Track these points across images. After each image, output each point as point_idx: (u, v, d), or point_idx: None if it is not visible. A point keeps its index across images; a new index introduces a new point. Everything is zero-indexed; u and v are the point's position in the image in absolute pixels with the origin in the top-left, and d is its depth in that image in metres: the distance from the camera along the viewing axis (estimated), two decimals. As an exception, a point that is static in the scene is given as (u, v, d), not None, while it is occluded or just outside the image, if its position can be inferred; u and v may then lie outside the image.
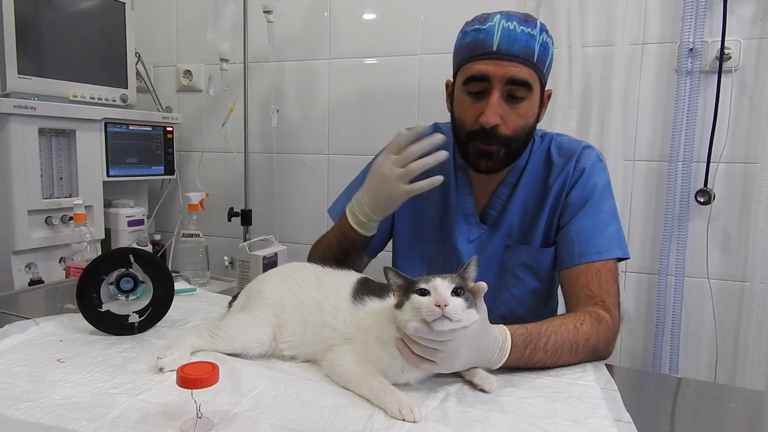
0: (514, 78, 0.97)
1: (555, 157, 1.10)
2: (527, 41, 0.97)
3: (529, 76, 0.99)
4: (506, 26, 0.97)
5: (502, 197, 1.12)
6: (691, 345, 1.65)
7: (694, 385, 0.98)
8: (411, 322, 0.72)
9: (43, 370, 0.80)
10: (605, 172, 1.09)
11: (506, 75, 0.97)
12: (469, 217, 1.14)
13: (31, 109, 1.58)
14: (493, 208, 1.13)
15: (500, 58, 0.97)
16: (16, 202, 1.58)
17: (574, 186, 1.06)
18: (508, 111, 1.00)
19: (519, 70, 0.97)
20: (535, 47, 0.98)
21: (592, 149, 1.10)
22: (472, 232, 1.14)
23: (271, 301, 0.90)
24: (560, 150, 1.10)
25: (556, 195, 1.08)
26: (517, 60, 0.97)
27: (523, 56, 0.97)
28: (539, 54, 0.99)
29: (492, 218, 1.13)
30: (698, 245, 1.61)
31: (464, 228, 1.14)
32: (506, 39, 0.97)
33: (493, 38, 0.97)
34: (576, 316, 0.91)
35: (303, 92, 2.04)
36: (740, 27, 1.53)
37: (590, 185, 1.06)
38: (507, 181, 1.12)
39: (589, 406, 0.75)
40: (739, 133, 1.56)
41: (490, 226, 1.13)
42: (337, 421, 0.68)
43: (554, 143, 1.11)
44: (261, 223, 2.05)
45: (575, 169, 1.07)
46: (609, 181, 1.09)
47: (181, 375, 0.64)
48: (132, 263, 0.97)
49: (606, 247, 1.01)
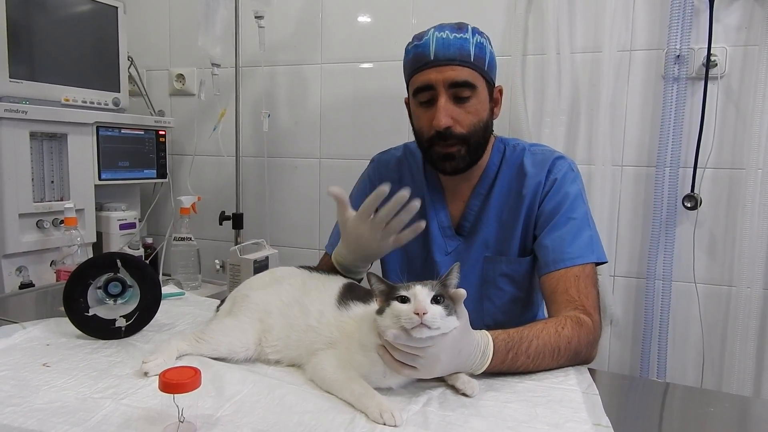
0: (454, 81, 1.04)
1: (528, 167, 1.13)
2: (461, 45, 1.04)
3: (470, 75, 1.04)
4: (439, 36, 1.05)
5: (474, 208, 1.15)
6: (679, 349, 1.66)
7: (681, 391, 0.99)
8: (390, 329, 0.73)
9: (28, 374, 0.80)
10: (577, 181, 1.11)
11: (447, 79, 1.03)
12: (445, 229, 1.18)
13: (23, 113, 1.58)
14: (467, 219, 1.16)
15: (438, 65, 1.04)
16: (7, 206, 1.58)
17: (546, 196, 1.09)
18: (458, 111, 1.05)
19: (458, 73, 1.03)
20: (470, 49, 1.04)
21: (564, 159, 1.13)
22: (449, 245, 1.17)
23: (256, 305, 0.91)
24: (533, 161, 1.13)
25: (530, 205, 1.11)
26: (454, 63, 1.04)
27: (459, 59, 1.04)
28: (476, 54, 1.05)
29: (467, 229, 1.16)
30: (685, 250, 1.63)
31: (441, 240, 1.18)
32: (441, 47, 1.04)
33: (429, 49, 1.05)
34: (557, 320, 0.92)
35: (295, 97, 2.04)
36: (726, 34, 1.54)
37: (562, 194, 1.08)
38: (477, 192, 1.15)
39: (569, 411, 0.75)
40: (726, 139, 1.58)
41: (466, 237, 1.16)
42: (319, 425, 0.69)
43: (527, 154, 1.14)
44: (252, 226, 2.06)
45: (547, 180, 1.10)
46: (581, 189, 1.11)
47: (163, 380, 0.64)
48: (119, 268, 0.97)
49: (580, 253, 1.03)
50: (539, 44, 1.69)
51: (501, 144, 1.17)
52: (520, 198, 1.12)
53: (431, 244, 1.18)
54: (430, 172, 1.20)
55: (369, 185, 1.25)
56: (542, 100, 1.69)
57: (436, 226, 1.18)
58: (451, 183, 1.17)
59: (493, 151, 1.16)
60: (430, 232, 1.17)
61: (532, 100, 1.71)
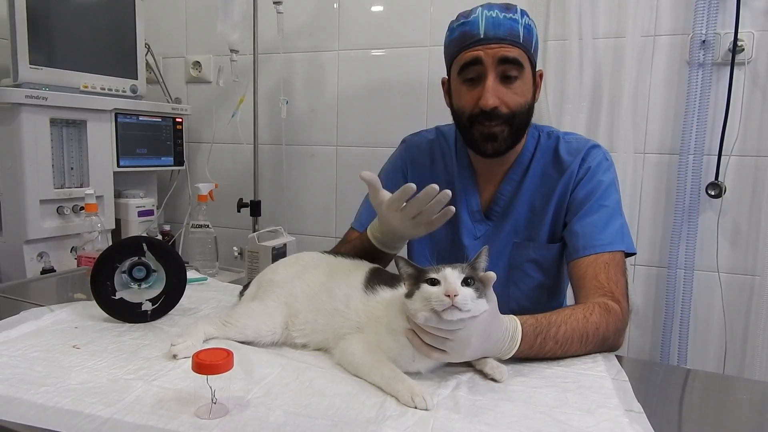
0: (505, 57, 1.02)
1: (564, 154, 1.12)
2: (511, 25, 1.03)
3: (519, 55, 1.04)
4: (489, 15, 1.04)
5: (506, 193, 1.14)
6: (700, 338, 1.64)
7: (703, 377, 0.98)
8: (421, 312, 0.72)
9: (59, 355, 0.81)
10: (611, 170, 1.11)
11: (497, 55, 1.02)
12: (474, 214, 1.17)
13: (43, 99, 1.58)
14: (497, 204, 1.15)
15: (488, 43, 1.03)
16: (29, 192, 1.59)
17: (580, 183, 1.09)
18: (505, 91, 1.04)
19: (508, 50, 1.03)
20: (519, 29, 1.04)
21: (599, 148, 1.12)
22: (477, 229, 1.17)
23: (282, 289, 0.91)
24: (568, 148, 1.12)
25: (562, 192, 1.10)
26: (504, 42, 1.03)
27: (510, 38, 1.03)
28: (524, 35, 1.04)
29: (497, 214, 1.15)
30: (708, 239, 1.61)
31: (470, 225, 1.17)
32: (491, 25, 1.03)
33: (479, 27, 1.03)
34: (585, 306, 0.91)
35: (312, 84, 2.04)
36: (753, 19, 1.51)
37: (595, 181, 1.08)
38: (511, 177, 1.14)
39: (600, 396, 0.75)
40: (751, 126, 1.55)
41: (496, 222, 1.15)
42: (350, 408, 0.69)
43: (562, 142, 1.13)
44: (270, 214, 2.06)
45: (581, 168, 1.09)
46: (615, 179, 1.10)
47: (197, 361, 0.64)
48: (145, 252, 0.98)
49: (611, 240, 1.02)
50: (561, 30, 1.66)
51: (535, 130, 1.16)
52: (553, 184, 1.11)
53: (460, 228, 1.17)
54: (462, 155, 1.18)
55: (400, 165, 1.24)
56: (564, 87, 1.66)
57: (465, 210, 1.17)
58: (484, 166, 1.16)
59: (528, 137, 1.14)
60: (459, 217, 1.16)
61: (553, 86, 1.69)
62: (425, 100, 1.87)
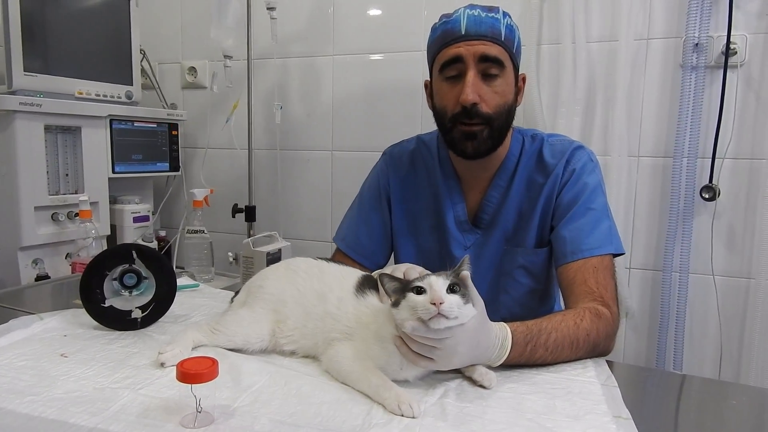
0: (485, 54, 1.02)
1: (547, 157, 1.11)
2: (492, 23, 1.03)
3: (500, 53, 1.03)
4: (471, 14, 1.04)
5: (493, 200, 1.13)
6: (696, 342, 1.64)
7: (698, 382, 0.97)
8: (408, 321, 0.72)
9: (47, 364, 0.81)
10: (596, 172, 1.10)
11: (477, 52, 1.02)
12: (462, 224, 1.16)
13: (37, 106, 1.59)
14: (485, 212, 1.14)
15: (469, 39, 1.02)
16: (23, 199, 1.59)
17: (565, 186, 1.08)
18: (485, 89, 1.03)
19: (489, 48, 1.02)
20: (501, 28, 1.04)
21: (583, 149, 1.11)
22: (467, 239, 1.16)
23: (271, 296, 0.91)
24: (552, 151, 1.11)
25: (548, 196, 1.09)
26: (486, 39, 1.02)
27: (491, 35, 1.03)
28: (506, 34, 1.03)
29: (485, 222, 1.14)
30: (703, 242, 1.60)
31: (458, 235, 1.16)
32: (473, 23, 1.03)
33: (461, 25, 1.03)
34: (576, 312, 0.91)
35: (307, 89, 2.04)
36: (746, 22, 1.51)
37: (581, 184, 1.07)
38: (497, 183, 1.13)
39: (589, 402, 0.74)
40: (745, 129, 1.54)
41: (484, 230, 1.15)
42: (336, 416, 0.69)
43: (546, 144, 1.12)
44: (265, 219, 2.06)
45: (565, 170, 1.08)
46: (600, 180, 1.10)
47: (181, 370, 0.64)
48: (135, 259, 0.98)
49: (599, 243, 1.02)
50: (554, 33, 1.66)
51: (519, 135, 1.15)
52: (538, 189, 1.10)
53: (448, 239, 1.16)
54: (446, 163, 1.17)
55: (383, 183, 1.22)
56: (557, 90, 1.66)
57: (452, 220, 1.15)
58: (469, 173, 1.15)
59: (512, 141, 1.14)
60: (446, 227, 1.15)
61: (547, 90, 1.69)
62: (420, 105, 1.87)
